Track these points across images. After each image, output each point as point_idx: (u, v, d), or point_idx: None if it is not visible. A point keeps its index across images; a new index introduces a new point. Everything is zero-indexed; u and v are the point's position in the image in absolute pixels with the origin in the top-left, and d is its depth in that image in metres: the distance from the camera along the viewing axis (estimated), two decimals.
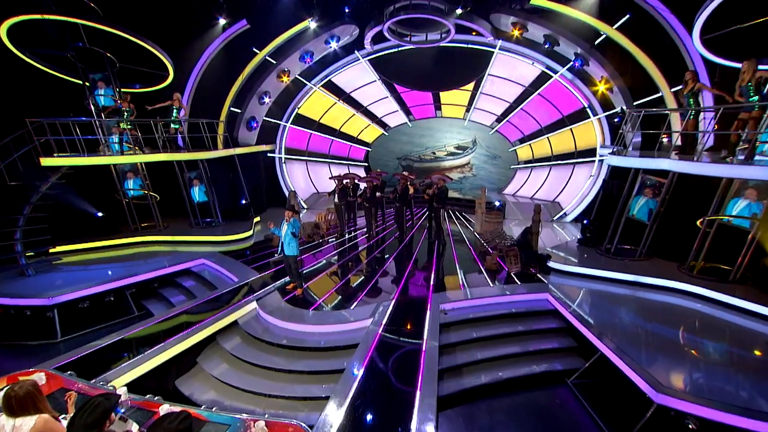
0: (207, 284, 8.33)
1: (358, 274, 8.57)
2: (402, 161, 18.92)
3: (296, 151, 17.24)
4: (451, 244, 10.86)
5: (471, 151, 18.02)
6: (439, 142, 18.34)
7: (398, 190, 11.18)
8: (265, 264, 9.01)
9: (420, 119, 18.14)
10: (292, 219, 7.10)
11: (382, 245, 10.86)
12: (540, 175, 16.56)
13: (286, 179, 16.78)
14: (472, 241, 11.08)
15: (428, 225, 11.40)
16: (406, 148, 18.73)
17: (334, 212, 12.74)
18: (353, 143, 18.71)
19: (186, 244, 10.57)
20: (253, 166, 14.60)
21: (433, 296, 7.20)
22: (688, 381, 4.80)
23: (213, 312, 6.61)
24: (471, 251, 10.25)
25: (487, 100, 16.05)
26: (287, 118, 16.09)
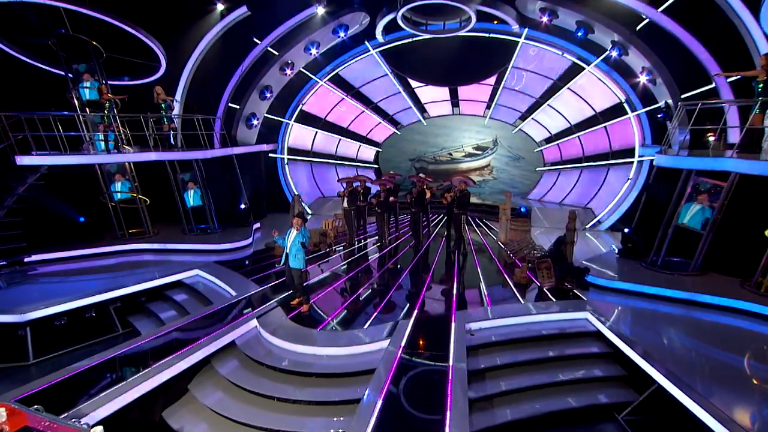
0: (201, 298, 8.18)
1: (370, 288, 8.40)
2: (415, 163, 18.76)
3: (300, 151, 17.16)
4: (472, 254, 10.79)
5: (491, 151, 17.81)
6: (457, 142, 18.17)
7: (414, 194, 10.99)
8: (266, 276, 8.87)
9: (435, 117, 17.99)
10: (302, 228, 6.93)
11: (395, 255, 10.72)
12: (569, 178, 16.23)
13: (288, 182, 16.69)
14: (495, 251, 11.05)
15: (446, 233, 11.31)
16: (419, 148, 18.57)
17: (342, 218, 12.69)
18: (362, 143, 18.57)
19: (178, 253, 10.47)
20: (252, 167, 14.58)
21: (457, 314, 6.91)
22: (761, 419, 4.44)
23: (207, 330, 6.42)
24: (496, 263, 10.08)
25: (511, 96, 15.78)
26: (290, 115, 16.04)
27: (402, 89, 16.24)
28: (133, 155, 10.62)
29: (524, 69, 14.59)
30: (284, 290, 7.95)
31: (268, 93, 14.19)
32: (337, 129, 17.63)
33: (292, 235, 7.02)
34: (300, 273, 7.16)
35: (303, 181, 17.35)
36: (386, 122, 18.05)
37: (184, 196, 12.01)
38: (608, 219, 13.18)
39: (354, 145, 18.40)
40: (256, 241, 11.87)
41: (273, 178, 16.09)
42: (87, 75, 10.75)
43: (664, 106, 11.15)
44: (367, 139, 18.47)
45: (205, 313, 7.09)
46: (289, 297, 7.58)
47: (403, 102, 17.06)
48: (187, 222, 12.05)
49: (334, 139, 17.78)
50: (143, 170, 11.88)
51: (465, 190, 10.40)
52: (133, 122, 10.92)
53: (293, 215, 7.00)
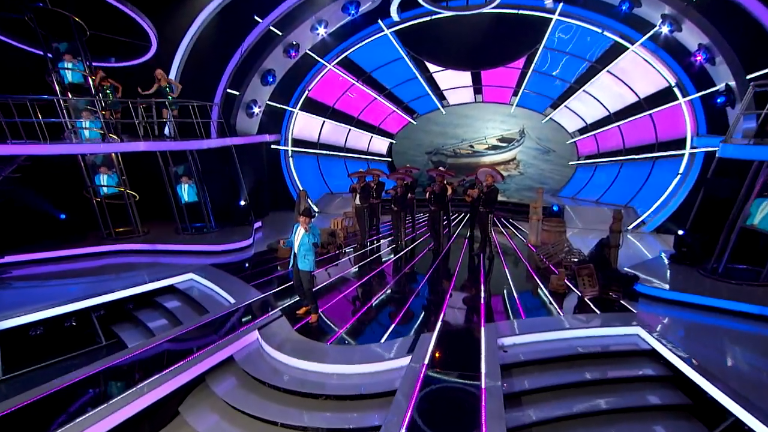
0: (195, 306, 8.07)
1: (385, 295, 8.22)
2: (432, 156, 18.53)
3: (305, 142, 17.08)
4: (500, 258, 10.50)
5: (518, 143, 17.51)
6: (479, 133, 17.92)
7: (434, 190, 10.67)
8: (269, 281, 8.72)
9: (456, 105, 17.76)
10: (311, 225, 6.72)
11: (413, 259, 10.56)
12: (607, 173, 15.78)
13: (293, 176, 16.59)
14: (525, 254, 10.72)
15: (469, 234, 11.27)
16: (437, 140, 18.34)
17: (353, 217, 12.52)
18: (374, 134, 18.39)
19: (171, 255, 10.43)
20: (253, 160, 14.54)
21: (487, 327, 6.61)
22: None
23: (202, 343, 6.27)
24: (526, 268, 9.80)
25: (541, 81, 15.38)
26: (295, 102, 15.98)
27: (419, 74, 15.99)
28: (121, 145, 10.52)
29: (557, 50, 14.20)
30: (289, 297, 7.83)
31: (270, 78, 14.08)
32: (347, 118, 17.49)
33: (299, 234, 6.80)
34: (309, 276, 6.92)
35: (309, 175, 17.22)
36: (401, 111, 17.86)
37: (177, 192, 11.87)
38: (653, 219, 12.85)
39: (365, 137, 18.23)
40: (257, 241, 11.77)
41: (276, 173, 16.03)
42: (68, 55, 10.55)
43: (724, 89, 10.55)
44: (379, 129, 18.30)
45: (199, 323, 6.94)
46: (295, 305, 7.42)
47: (420, 88, 16.85)
48: (181, 220, 11.94)
49: (343, 130, 17.64)
50: (132, 162, 11.77)
51: (492, 186, 10.07)
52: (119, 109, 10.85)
53: (299, 213, 6.73)
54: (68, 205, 11.39)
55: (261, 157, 15.05)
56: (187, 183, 11.94)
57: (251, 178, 14.13)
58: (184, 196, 12.00)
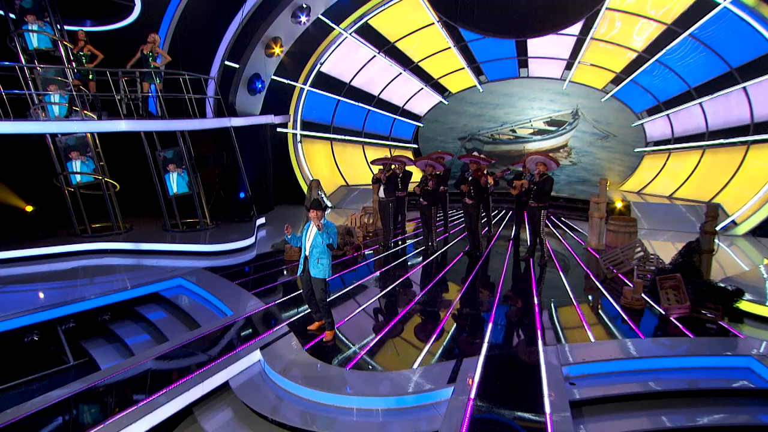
0: (184, 318, 7.94)
1: (415, 309, 7.98)
2: (466, 142, 18.53)
3: (318, 125, 17.17)
4: (554, 265, 10.22)
5: (570, 127, 17.35)
6: (523, 115, 17.89)
7: (469, 180, 10.35)
8: (273, 288, 8.68)
9: (495, 81, 17.79)
10: (325, 222, 6.47)
11: (447, 264, 10.37)
12: (685, 162, 15.34)
13: (302, 165, 16.63)
14: (585, 260, 10.51)
15: (513, 234, 11.19)
16: (472, 123, 18.33)
17: (374, 213, 12.58)
18: (398, 116, 18.51)
19: (156, 256, 10.45)
20: (256, 144, 14.65)
21: (547, 351, 6.25)
22: None
23: (191, 365, 6.09)
24: (589, 277, 9.49)
25: (601, 50, 15.03)
26: (306, 78, 16.00)
27: (452, 43, 16.04)
28: (98, 124, 10.40)
29: (623, 10, 13.70)
30: (298, 309, 7.71)
31: (276, 47, 14.14)
32: (366, 97, 17.62)
33: (311, 233, 6.57)
34: (323, 285, 6.64)
35: (321, 163, 17.32)
36: (429, 88, 17.88)
37: (165, 181, 11.86)
38: (748, 219, 12.37)
39: (387, 119, 18.35)
40: (260, 241, 11.81)
41: (283, 160, 16.20)
42: (33, 16, 10.41)
43: None
44: (404, 110, 18.43)
45: (188, 340, 6.74)
46: (306, 319, 7.27)
47: (453, 61, 16.82)
48: (169, 215, 11.94)
49: (361, 111, 17.76)
50: (111, 145, 11.80)
51: (546, 175, 9.72)
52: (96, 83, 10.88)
53: (310, 206, 6.49)
54: (35, 196, 11.40)
55: (265, 142, 15.07)
56: (176, 171, 11.89)
57: (253, 166, 14.22)
58: (173, 186, 11.95)
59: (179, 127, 11.38)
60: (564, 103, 17.07)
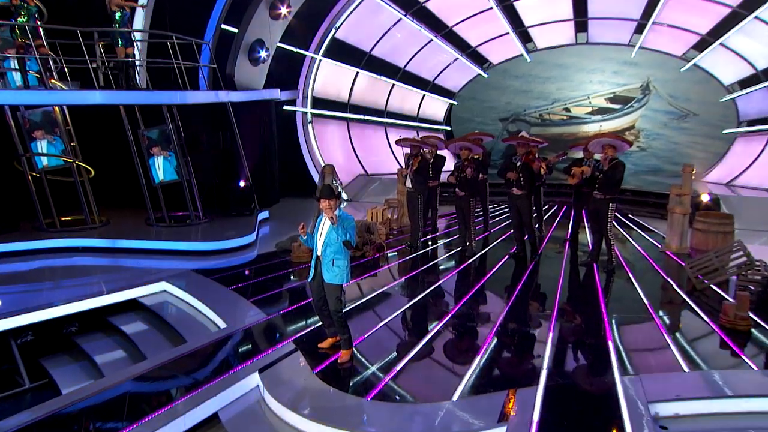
0: (167, 331, 7.82)
1: (451, 324, 7.77)
2: (509, 124, 18.55)
3: (332, 103, 17.12)
4: (625, 272, 9.98)
5: (639, 104, 17.22)
6: (579, 90, 17.81)
7: (518, 167, 10.13)
8: (277, 296, 8.62)
9: (546, 49, 17.70)
10: (341, 215, 6.28)
11: (488, 269, 10.28)
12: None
13: (313, 149, 16.57)
14: (664, 266, 10.26)
15: (569, 235, 11.35)
16: (517, 100, 18.38)
17: (399, 206, 12.64)
18: (427, 91, 18.47)
19: (137, 255, 10.50)
20: (259, 124, 14.66)
21: (627, 384, 5.82)
22: None
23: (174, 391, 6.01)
24: (673, 288, 9.19)
25: (682, 6, 14.64)
26: (318, 45, 15.89)
27: (494, 3, 15.78)
28: (67, 95, 10.49)
29: None
30: (307, 322, 7.58)
31: (282, 7, 14.05)
32: (390, 69, 17.45)
33: (323, 228, 6.39)
34: (338, 293, 6.45)
35: (335, 148, 17.36)
36: (466, 58, 17.69)
37: (149, 167, 11.85)
38: None
39: (414, 96, 18.29)
40: (262, 238, 11.86)
41: (290, 144, 16.17)
42: None
43: None
44: (434, 86, 18.39)
45: (171, 359, 6.55)
46: (316, 335, 7.06)
47: (496, 25, 16.53)
48: (154, 207, 11.98)
49: (383, 86, 17.63)
50: (85, 123, 11.80)
51: (616, 159, 9.40)
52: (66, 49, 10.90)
53: (320, 195, 6.29)
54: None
55: (269, 122, 15.04)
56: (162, 154, 11.90)
57: (255, 150, 14.27)
58: (159, 172, 11.96)
59: (166, 100, 11.32)
60: (631, 75, 16.75)
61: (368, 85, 17.41)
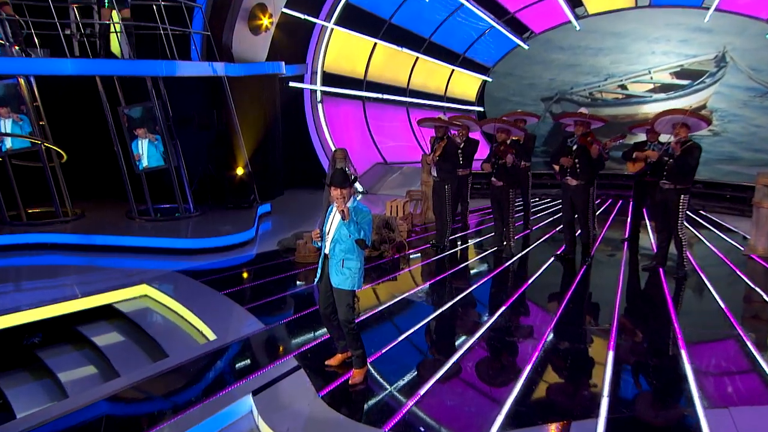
0: (147, 344, 7.78)
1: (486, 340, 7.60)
2: (552, 104, 18.66)
3: (345, 79, 17.08)
4: (701, 278, 9.85)
5: (712, 80, 17.20)
6: (638, 64, 17.86)
7: (574, 151, 10.04)
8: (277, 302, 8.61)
9: (599, 15, 17.78)
10: (353, 203, 6.14)
11: (529, 274, 10.23)
12: None
13: (323, 133, 16.57)
14: (749, 273, 10.10)
15: (627, 234, 11.41)
16: (563, 76, 18.47)
17: (423, 199, 12.70)
18: (457, 65, 18.55)
19: (116, 254, 10.55)
20: (260, 103, 14.72)
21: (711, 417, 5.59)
22: None
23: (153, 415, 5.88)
24: (760, 297, 9.01)
25: None
26: (329, 12, 16.02)
27: None
28: (33, 62, 10.63)
29: None
30: (314, 333, 7.50)
31: None
32: (413, 40, 17.53)
33: (332, 221, 6.26)
34: (349, 299, 6.31)
35: (349, 132, 17.67)
36: (502, 26, 17.74)
37: (132, 151, 11.91)
38: None
39: (441, 71, 18.25)
40: (262, 235, 11.96)
41: (297, 126, 16.29)
42: None
43: None
44: (465, 59, 18.32)
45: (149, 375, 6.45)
46: (324, 350, 6.91)
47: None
48: (137, 198, 12.06)
49: (405, 60, 17.63)
50: (56, 99, 11.93)
51: (690, 142, 9.26)
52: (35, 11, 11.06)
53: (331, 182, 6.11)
54: None
55: (272, 100, 15.14)
56: (147, 137, 11.96)
57: (256, 132, 14.30)
58: (143, 158, 12.00)
59: (151, 71, 11.29)
60: (703, 43, 16.69)
61: (388, 59, 17.44)
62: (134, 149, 11.91)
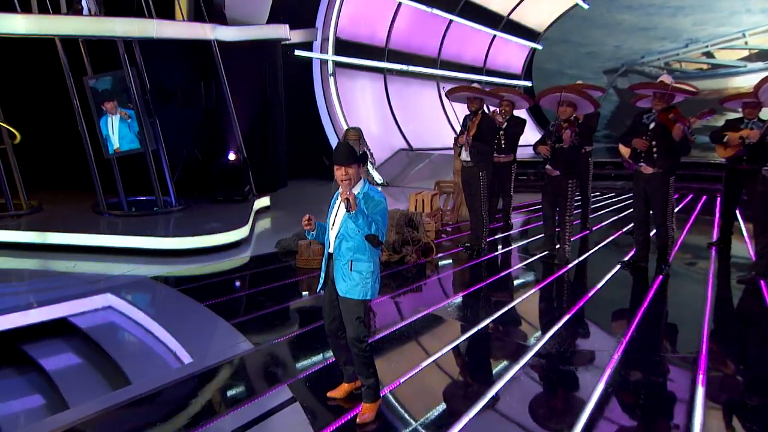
0: (107, 368, 7.59)
1: (534, 366, 7.40)
2: (617, 77, 18.93)
3: (363, 47, 17.41)
4: None
5: None
6: (728, 25, 18.02)
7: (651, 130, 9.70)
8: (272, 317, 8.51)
9: None
10: (363, 188, 5.88)
11: (593, 286, 9.93)
12: None
13: (335, 112, 16.87)
14: None
15: (717, 238, 11.44)
16: (631, 43, 18.81)
17: (455, 192, 12.94)
18: (499, 30, 18.97)
19: (77, 256, 10.57)
20: (258, 75, 15.08)
21: None
22: None
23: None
24: None
25: None
26: None
27: None
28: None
29: None
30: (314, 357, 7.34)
31: None
32: None
33: (337, 213, 6.00)
34: (359, 313, 6.03)
35: (368, 110, 17.52)
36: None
37: (100, 131, 12.03)
38: None
39: (480, 38, 18.72)
40: (259, 235, 12.22)
41: (303, 103, 16.83)
42: None
43: None
44: (509, 22, 18.76)
45: (106, 407, 6.22)
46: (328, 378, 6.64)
47: None
48: (106, 188, 12.21)
49: (436, 24, 18.05)
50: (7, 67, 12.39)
51: None
52: None
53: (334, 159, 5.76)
54: None
55: (274, 72, 15.43)
56: (118, 113, 12.11)
57: (253, 110, 14.83)
58: (114, 139, 12.13)
59: (122, 32, 11.42)
60: None
61: (414, 23, 17.66)
62: (102, 128, 11.97)
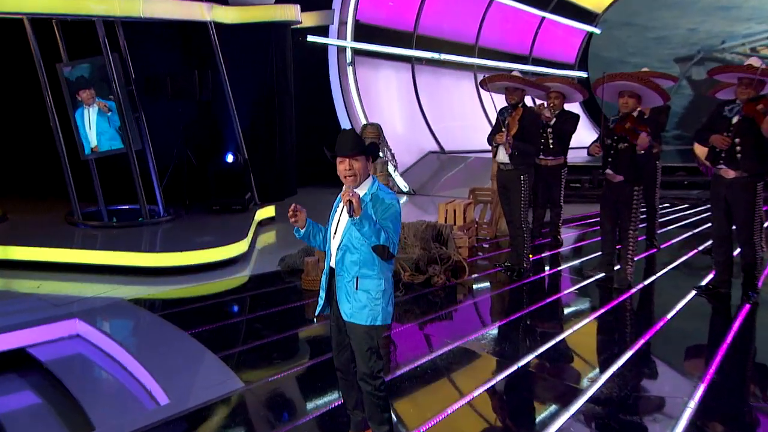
0: (68, 409, 7.46)
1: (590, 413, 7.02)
2: (691, 66, 18.78)
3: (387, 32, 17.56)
4: None
5: None
6: None
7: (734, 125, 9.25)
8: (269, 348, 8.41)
9: None
10: (371, 185, 5.68)
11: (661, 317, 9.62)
12: None
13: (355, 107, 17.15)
14: None
15: None
16: (708, 26, 18.78)
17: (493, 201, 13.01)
18: (547, 11, 19.34)
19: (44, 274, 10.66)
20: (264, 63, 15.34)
21: None
22: None
23: None
24: None
25: None
26: None
27: None
28: None
29: None
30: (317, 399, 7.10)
31: None
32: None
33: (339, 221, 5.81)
34: (370, 343, 5.84)
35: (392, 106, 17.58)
36: None
37: (75, 126, 12.16)
38: None
39: (526, 21, 19.00)
40: (260, 251, 12.43)
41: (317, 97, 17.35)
42: None
43: None
44: (561, 2, 18.99)
45: None
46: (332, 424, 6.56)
47: None
48: (81, 195, 12.40)
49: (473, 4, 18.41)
50: None
51: None
52: None
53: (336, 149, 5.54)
54: None
55: (282, 61, 15.67)
56: (96, 105, 12.28)
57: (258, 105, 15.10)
58: (90, 136, 12.23)
59: (103, 11, 11.57)
60: None
61: (448, 4, 17.80)
62: (78, 123, 12.05)
